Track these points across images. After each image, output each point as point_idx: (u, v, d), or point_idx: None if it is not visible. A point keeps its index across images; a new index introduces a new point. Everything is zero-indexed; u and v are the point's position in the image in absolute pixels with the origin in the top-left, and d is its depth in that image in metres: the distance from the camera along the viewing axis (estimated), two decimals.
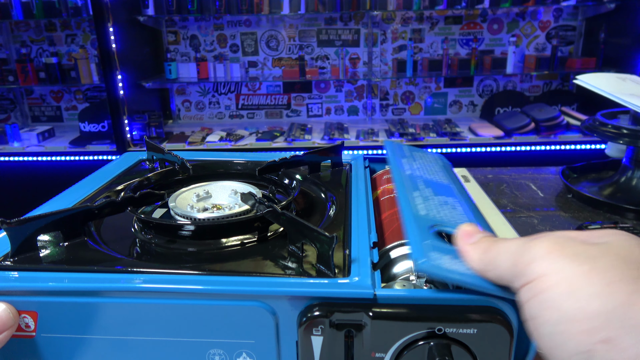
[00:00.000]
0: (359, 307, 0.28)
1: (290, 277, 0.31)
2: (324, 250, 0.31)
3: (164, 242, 0.38)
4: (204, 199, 0.45)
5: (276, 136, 2.14)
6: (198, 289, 0.30)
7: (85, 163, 2.11)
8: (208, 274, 0.32)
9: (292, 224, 0.35)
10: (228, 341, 0.30)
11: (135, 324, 0.31)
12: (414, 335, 0.28)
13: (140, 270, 0.33)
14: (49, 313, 0.31)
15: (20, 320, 0.31)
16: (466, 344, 0.27)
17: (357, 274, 0.30)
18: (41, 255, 0.35)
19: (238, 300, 0.30)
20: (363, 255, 0.33)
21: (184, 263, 0.35)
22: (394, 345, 0.28)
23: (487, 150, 1.99)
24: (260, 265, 0.34)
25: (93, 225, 0.41)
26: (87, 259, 0.35)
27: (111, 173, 0.55)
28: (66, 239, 0.37)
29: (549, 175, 0.87)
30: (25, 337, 0.32)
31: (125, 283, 0.31)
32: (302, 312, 0.29)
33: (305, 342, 0.29)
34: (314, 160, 0.54)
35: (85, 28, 2.32)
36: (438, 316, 0.27)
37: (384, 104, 2.40)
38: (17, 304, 0.31)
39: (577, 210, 0.71)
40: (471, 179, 0.85)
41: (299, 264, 0.34)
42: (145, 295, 0.31)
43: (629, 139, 0.70)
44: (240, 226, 0.38)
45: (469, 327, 0.27)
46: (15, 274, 0.33)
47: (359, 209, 0.41)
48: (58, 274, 0.32)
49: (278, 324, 0.30)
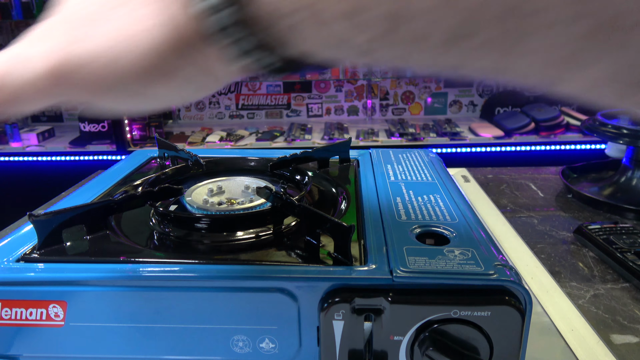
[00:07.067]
0: (378, 293, 0.29)
1: (310, 265, 0.33)
2: (341, 239, 0.33)
3: (183, 234, 0.40)
4: (217, 194, 0.47)
5: (276, 136, 2.16)
6: (223, 277, 0.31)
7: (86, 163, 2.12)
8: (232, 263, 0.33)
9: (309, 215, 0.36)
10: (251, 327, 0.32)
11: (162, 311, 0.32)
12: (430, 318, 0.29)
13: (165, 260, 0.35)
14: (78, 302, 0.32)
15: (50, 310, 0.33)
16: (480, 326, 0.29)
17: (374, 262, 0.32)
18: (67, 248, 0.37)
19: (261, 288, 0.31)
20: (378, 245, 0.34)
21: (204, 254, 0.37)
22: (411, 328, 0.29)
23: (487, 150, 2.01)
24: (278, 255, 0.36)
25: (113, 220, 0.42)
26: (112, 251, 0.37)
27: (123, 171, 0.56)
28: (89, 232, 0.38)
29: (549, 175, 0.88)
30: (54, 326, 0.33)
31: (151, 272, 0.32)
32: (323, 298, 0.30)
33: (326, 326, 0.30)
34: (324, 156, 0.56)
35: None
36: (453, 299, 0.29)
37: (384, 104, 2.42)
38: (47, 294, 0.33)
39: (577, 210, 0.72)
40: (471, 179, 0.87)
41: (316, 253, 0.35)
42: (172, 284, 0.32)
43: (629, 139, 0.71)
44: (257, 219, 0.40)
45: (483, 310, 0.29)
46: (43, 265, 0.34)
47: (370, 201, 0.43)
48: (86, 265, 0.34)
49: (300, 310, 0.31)
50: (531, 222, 0.68)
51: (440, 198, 0.43)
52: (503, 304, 0.29)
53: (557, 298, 0.49)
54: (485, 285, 0.29)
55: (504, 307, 0.29)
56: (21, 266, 0.34)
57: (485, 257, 0.32)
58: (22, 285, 0.33)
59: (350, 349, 0.31)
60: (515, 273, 0.30)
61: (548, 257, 0.58)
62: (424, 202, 0.42)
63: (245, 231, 0.39)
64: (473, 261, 0.31)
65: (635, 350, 0.41)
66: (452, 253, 0.32)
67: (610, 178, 0.79)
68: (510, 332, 0.29)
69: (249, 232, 0.39)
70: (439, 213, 0.40)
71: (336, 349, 0.31)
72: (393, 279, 0.30)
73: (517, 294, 0.29)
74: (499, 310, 0.29)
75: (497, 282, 0.29)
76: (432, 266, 0.31)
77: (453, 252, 0.33)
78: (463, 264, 0.31)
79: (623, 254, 0.53)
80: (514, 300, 0.29)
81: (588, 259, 0.57)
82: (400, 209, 0.41)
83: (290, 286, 0.31)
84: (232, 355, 0.33)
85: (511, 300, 0.29)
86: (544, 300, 0.48)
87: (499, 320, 0.29)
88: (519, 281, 0.30)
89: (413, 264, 0.31)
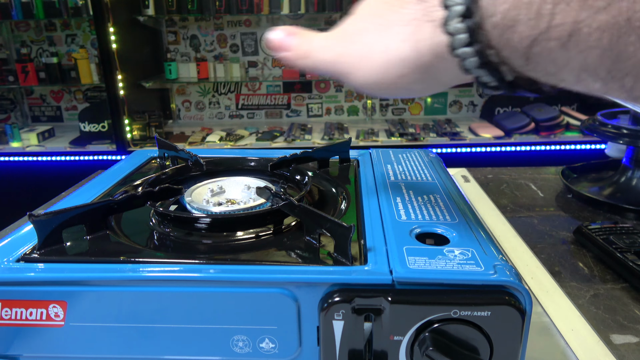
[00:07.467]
0: (378, 292, 0.29)
1: (310, 265, 0.33)
2: (341, 239, 0.33)
3: (183, 234, 0.40)
4: (218, 194, 0.47)
5: (276, 136, 2.16)
6: (223, 277, 0.31)
7: (86, 163, 2.12)
8: (232, 263, 0.33)
9: (309, 215, 0.36)
10: (251, 327, 0.32)
11: (162, 311, 0.32)
12: (430, 318, 0.29)
13: (165, 260, 0.35)
14: (78, 302, 0.32)
15: (50, 310, 0.33)
16: (480, 326, 0.29)
17: (374, 262, 0.32)
18: (67, 248, 0.37)
19: (261, 288, 0.31)
20: (378, 244, 0.34)
21: (204, 254, 0.37)
22: (411, 328, 0.29)
23: (487, 150, 2.01)
24: (278, 255, 0.36)
25: (113, 220, 0.42)
26: (112, 251, 0.37)
27: (123, 171, 0.56)
28: (89, 232, 0.38)
29: (549, 175, 0.88)
30: (54, 326, 0.33)
31: (151, 272, 0.32)
32: (323, 298, 0.30)
33: (326, 326, 0.30)
34: (324, 156, 0.56)
35: (85, 28, 2.32)
36: (453, 299, 0.29)
37: (384, 103, 2.42)
38: (47, 294, 0.33)
39: (577, 210, 0.72)
40: (471, 179, 0.87)
41: (316, 253, 0.35)
42: (172, 284, 0.32)
43: (629, 139, 0.71)
44: (257, 219, 0.40)
45: (483, 310, 0.29)
46: (44, 265, 0.34)
47: (370, 201, 0.43)
48: (86, 265, 0.34)
49: (300, 310, 0.31)
50: (531, 222, 0.68)
51: (440, 198, 0.43)
52: (503, 304, 0.29)
53: (557, 298, 0.49)
54: (485, 285, 0.29)
55: (504, 307, 0.29)
56: (21, 266, 0.34)
57: (485, 257, 0.32)
58: (22, 285, 0.33)
59: (350, 349, 0.31)
60: (515, 273, 0.30)
61: (548, 257, 0.58)
62: (424, 202, 0.42)
63: (245, 231, 0.39)
64: (473, 261, 0.31)
65: (635, 350, 0.41)
66: (452, 253, 0.32)
67: (610, 178, 0.79)
68: (510, 332, 0.29)
69: (249, 232, 0.39)
70: (439, 213, 0.40)
71: (336, 349, 0.31)
72: (393, 279, 0.30)
73: (517, 294, 0.29)
74: (499, 310, 0.29)
75: (497, 282, 0.29)
76: (432, 266, 0.31)
77: (453, 252, 0.33)
78: (463, 264, 0.31)
79: (623, 254, 0.53)
80: (514, 300, 0.29)
81: (588, 259, 0.57)
82: (400, 209, 0.41)
83: (290, 286, 0.31)
84: (232, 355, 0.33)
85: (511, 300, 0.29)
86: (544, 300, 0.48)
87: (499, 320, 0.29)
88: (519, 281, 0.30)
89: (413, 264, 0.31)
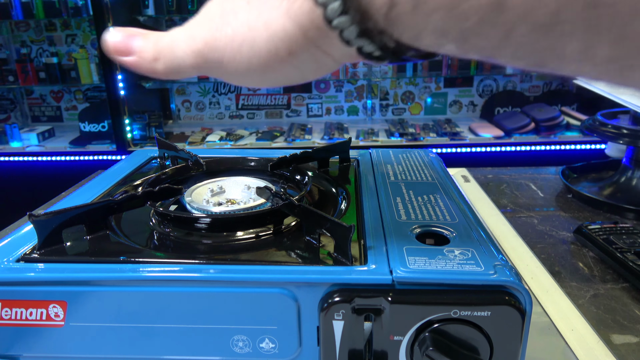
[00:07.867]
0: (378, 293, 0.29)
1: (310, 265, 0.33)
2: (341, 239, 0.33)
3: (183, 234, 0.40)
4: (218, 194, 0.47)
5: (276, 136, 2.16)
6: (223, 277, 0.31)
7: (86, 163, 2.12)
8: (232, 263, 0.33)
9: (309, 215, 0.36)
10: (251, 327, 0.32)
11: (162, 311, 0.32)
12: (430, 318, 0.29)
13: (165, 260, 0.35)
14: (78, 302, 0.32)
15: (50, 310, 0.33)
16: (480, 326, 0.29)
17: (374, 262, 0.32)
18: (67, 248, 0.37)
19: (261, 288, 0.31)
20: (378, 244, 0.34)
21: (204, 254, 0.37)
22: (411, 328, 0.29)
23: (487, 150, 2.01)
24: (278, 255, 0.36)
25: (113, 220, 0.42)
26: (112, 251, 0.37)
27: (123, 171, 0.56)
28: (89, 232, 0.38)
29: (549, 175, 0.88)
30: (54, 326, 0.33)
31: (151, 272, 0.32)
32: (323, 298, 0.30)
33: (326, 326, 0.30)
34: (323, 156, 0.56)
35: (85, 28, 2.32)
36: (453, 299, 0.29)
37: (384, 104, 2.42)
38: (47, 294, 0.33)
39: (577, 210, 0.72)
40: (471, 179, 0.87)
41: (316, 253, 0.35)
42: (172, 284, 0.32)
43: (629, 139, 0.71)
44: (257, 219, 0.40)
45: (483, 310, 0.29)
46: (44, 265, 0.34)
47: (370, 201, 0.43)
48: (86, 265, 0.34)
49: (300, 310, 0.31)
50: (531, 222, 0.68)
51: (440, 198, 0.43)
52: (503, 304, 0.29)
53: (557, 298, 0.49)
54: (485, 285, 0.29)
55: (504, 307, 0.29)
56: (21, 266, 0.34)
57: (485, 257, 0.32)
58: (22, 285, 0.33)
59: (350, 349, 0.31)
60: (515, 273, 0.30)
61: (548, 257, 0.58)
62: (424, 202, 0.42)
63: (245, 231, 0.39)
64: (473, 261, 0.31)
65: (635, 350, 0.41)
66: (452, 253, 0.32)
67: (610, 178, 0.79)
68: (510, 332, 0.29)
69: (249, 232, 0.39)
70: (439, 213, 0.40)
71: (336, 349, 0.31)
72: (393, 279, 0.30)
73: (517, 294, 0.29)
74: (499, 310, 0.29)
75: (497, 282, 0.29)
76: (432, 266, 0.31)
77: (453, 252, 0.33)
78: (463, 264, 0.31)
79: (623, 254, 0.53)
80: (514, 300, 0.29)
81: (588, 259, 0.57)
82: (400, 209, 0.41)
83: (290, 286, 0.31)
84: (232, 355, 0.33)
85: (511, 300, 0.29)
86: (544, 300, 0.48)
87: (499, 320, 0.29)
88: (519, 281, 0.30)
89: (413, 264, 0.31)
